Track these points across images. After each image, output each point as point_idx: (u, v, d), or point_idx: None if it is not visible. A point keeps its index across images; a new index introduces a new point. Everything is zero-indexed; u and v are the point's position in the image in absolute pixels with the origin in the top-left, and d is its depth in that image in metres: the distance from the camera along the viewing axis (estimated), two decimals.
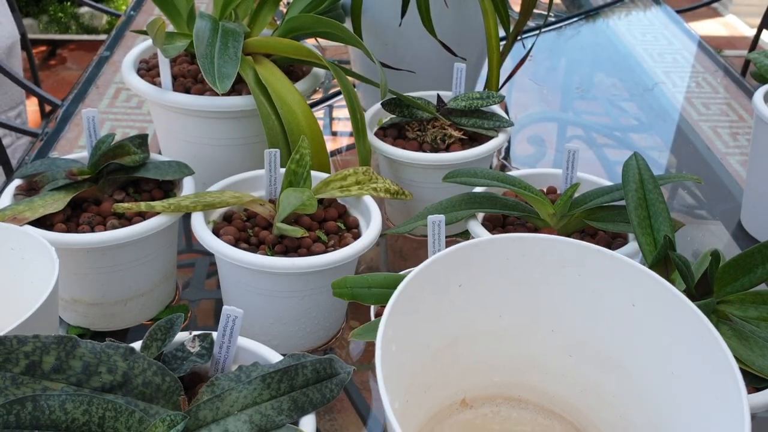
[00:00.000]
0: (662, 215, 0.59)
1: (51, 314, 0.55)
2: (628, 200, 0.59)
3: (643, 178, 0.61)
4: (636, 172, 0.61)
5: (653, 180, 0.61)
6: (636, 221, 0.59)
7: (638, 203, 0.59)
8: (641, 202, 0.59)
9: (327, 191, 0.70)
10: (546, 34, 1.39)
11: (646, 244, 0.58)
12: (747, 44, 1.79)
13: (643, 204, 0.59)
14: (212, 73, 0.73)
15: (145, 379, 0.45)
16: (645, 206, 0.59)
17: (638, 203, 0.59)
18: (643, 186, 0.60)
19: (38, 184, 0.69)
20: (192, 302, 0.75)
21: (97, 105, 1.10)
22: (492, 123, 0.82)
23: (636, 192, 0.60)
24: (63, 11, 2.93)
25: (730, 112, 1.14)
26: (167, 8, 0.83)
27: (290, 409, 0.46)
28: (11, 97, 1.65)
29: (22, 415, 0.40)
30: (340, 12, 0.95)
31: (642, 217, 0.59)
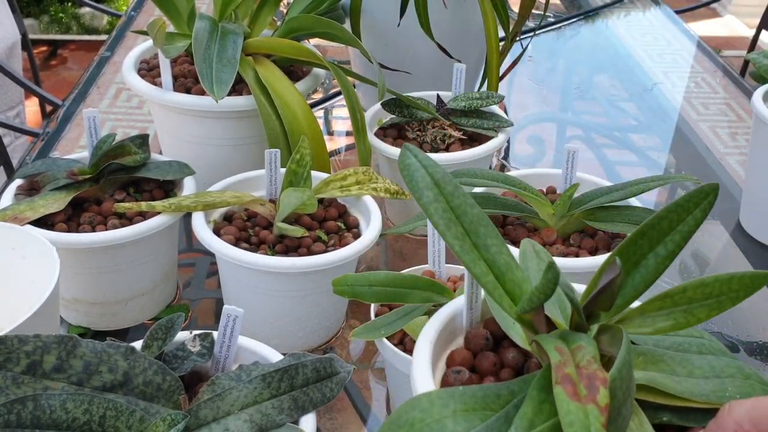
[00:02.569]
0: (483, 225, 0.41)
1: (52, 314, 0.55)
2: (431, 214, 0.40)
3: (437, 179, 0.41)
4: (423, 173, 0.41)
5: (449, 179, 0.41)
6: (457, 245, 0.40)
7: (446, 218, 0.40)
8: (448, 215, 0.40)
9: (327, 191, 0.70)
10: (545, 34, 1.39)
11: (484, 276, 0.40)
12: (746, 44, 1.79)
13: (451, 216, 0.40)
14: (209, 79, 0.73)
15: (145, 378, 0.45)
16: (456, 219, 0.40)
17: (446, 218, 0.40)
18: (440, 190, 0.41)
19: (39, 184, 0.69)
20: (193, 302, 0.75)
21: (98, 105, 1.10)
22: (492, 123, 0.83)
23: (437, 201, 0.40)
24: (64, 12, 2.93)
25: (729, 112, 1.14)
26: (168, 9, 0.83)
27: (291, 408, 0.46)
28: (10, 97, 1.65)
29: (22, 415, 0.41)
30: (340, 12, 0.95)
31: (460, 236, 0.40)
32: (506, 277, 0.40)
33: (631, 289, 0.39)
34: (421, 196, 0.41)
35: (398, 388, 0.60)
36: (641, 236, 0.39)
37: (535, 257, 0.46)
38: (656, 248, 0.39)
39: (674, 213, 0.38)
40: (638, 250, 0.39)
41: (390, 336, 0.58)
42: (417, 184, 0.41)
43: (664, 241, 0.39)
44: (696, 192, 0.38)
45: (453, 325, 0.46)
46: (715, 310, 0.38)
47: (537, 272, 0.45)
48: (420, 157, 0.42)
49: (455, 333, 0.47)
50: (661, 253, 0.39)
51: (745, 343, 0.73)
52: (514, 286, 0.40)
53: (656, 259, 0.39)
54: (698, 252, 0.86)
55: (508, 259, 0.40)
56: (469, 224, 0.41)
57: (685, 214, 0.38)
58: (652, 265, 0.39)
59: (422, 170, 0.41)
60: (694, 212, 0.38)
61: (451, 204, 0.41)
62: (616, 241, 0.68)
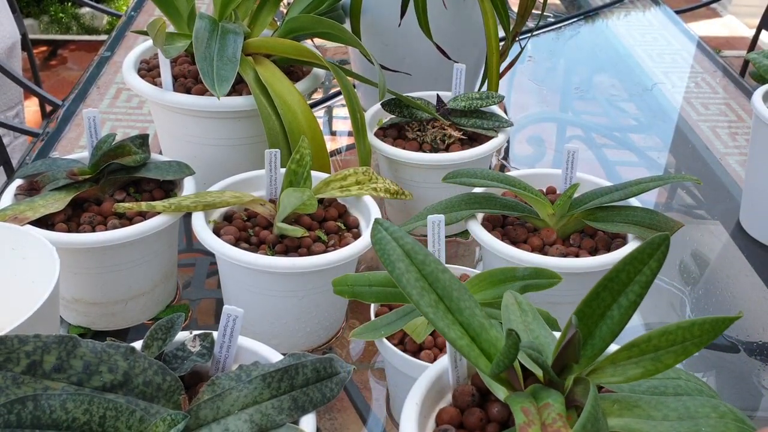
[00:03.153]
0: (455, 289, 0.43)
1: (52, 314, 0.55)
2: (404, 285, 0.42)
3: (407, 250, 0.43)
4: (394, 245, 0.43)
5: (420, 248, 0.43)
6: (431, 313, 0.41)
7: (419, 286, 0.42)
8: (421, 283, 0.42)
9: (327, 191, 0.70)
10: (545, 34, 1.39)
11: (459, 339, 0.41)
12: (746, 44, 1.79)
13: (424, 284, 0.42)
14: (211, 76, 0.73)
15: (145, 378, 0.45)
16: (429, 286, 0.42)
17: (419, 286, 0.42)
18: (411, 260, 0.43)
19: (39, 184, 0.69)
20: (192, 302, 0.75)
21: (97, 105, 1.10)
22: (491, 123, 0.83)
23: (408, 272, 0.42)
24: (64, 12, 2.93)
25: (729, 113, 1.14)
26: (168, 9, 0.83)
27: (290, 408, 0.46)
28: (10, 97, 1.65)
29: (23, 415, 0.41)
30: (340, 13, 0.95)
31: (433, 303, 0.42)
32: (481, 338, 0.42)
33: (599, 341, 0.41)
34: (393, 268, 0.43)
35: (398, 388, 0.60)
36: (603, 289, 0.41)
37: (518, 309, 0.47)
38: (618, 299, 0.41)
39: (630, 265, 0.41)
40: (602, 303, 0.41)
41: (390, 336, 0.58)
42: (389, 257, 0.43)
43: (625, 292, 0.41)
44: (648, 244, 0.40)
45: (441, 384, 0.47)
46: (682, 355, 0.39)
47: (520, 324, 0.46)
48: (390, 230, 0.44)
49: (444, 391, 0.48)
50: (623, 303, 0.41)
51: (744, 343, 0.73)
52: (490, 346, 0.42)
53: (620, 310, 0.41)
54: (698, 252, 0.86)
55: (482, 320, 0.43)
56: (442, 290, 0.43)
57: (641, 265, 0.40)
58: (617, 315, 0.41)
59: (393, 243, 0.43)
60: (649, 263, 0.40)
61: (423, 272, 0.43)
62: (616, 241, 0.68)
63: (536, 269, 0.56)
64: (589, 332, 0.41)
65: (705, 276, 0.82)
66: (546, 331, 0.45)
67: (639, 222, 0.67)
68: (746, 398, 0.68)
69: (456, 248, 0.84)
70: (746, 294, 0.80)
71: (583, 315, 0.41)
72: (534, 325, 0.45)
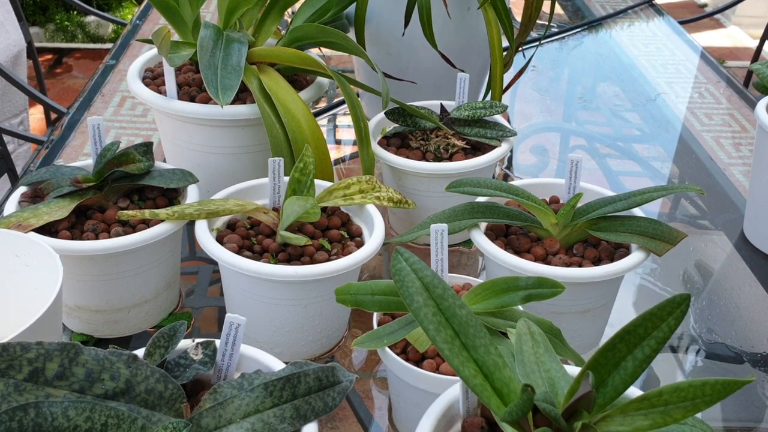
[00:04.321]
0: (472, 325, 0.43)
1: (55, 321, 0.55)
2: (421, 320, 0.43)
3: (426, 283, 0.44)
4: (413, 277, 0.44)
5: (438, 281, 0.44)
6: (447, 349, 0.42)
7: (436, 321, 0.43)
8: (438, 318, 0.43)
9: (330, 200, 0.71)
10: (549, 44, 1.39)
11: (473, 378, 0.42)
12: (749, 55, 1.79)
13: (441, 319, 0.43)
14: (215, 85, 0.73)
15: (147, 386, 0.45)
16: (446, 321, 0.43)
17: (436, 321, 0.43)
18: (430, 293, 0.43)
19: (43, 192, 0.69)
20: (195, 310, 0.75)
21: (102, 113, 1.10)
22: (495, 132, 0.83)
23: (426, 306, 0.43)
24: (69, 20, 2.95)
25: (732, 123, 1.14)
26: (173, 18, 0.83)
27: (292, 417, 0.46)
28: (15, 105, 1.66)
29: (24, 422, 0.40)
30: (344, 22, 0.96)
31: (449, 338, 0.43)
32: (494, 377, 0.43)
33: (611, 389, 0.41)
34: (411, 301, 0.43)
35: (400, 397, 0.60)
36: (620, 341, 0.41)
37: (530, 339, 0.47)
38: (634, 351, 0.41)
39: (649, 321, 0.41)
40: (617, 354, 0.41)
41: (392, 345, 0.57)
42: (407, 289, 0.43)
43: (641, 345, 0.41)
44: (668, 302, 0.40)
45: (451, 412, 0.48)
46: (691, 411, 0.39)
47: (531, 356, 0.46)
48: (411, 261, 0.44)
49: (453, 419, 0.48)
50: (638, 356, 0.41)
51: (749, 353, 0.73)
52: (503, 385, 0.43)
53: (634, 362, 0.41)
54: (702, 262, 0.86)
55: (496, 358, 0.43)
56: (459, 325, 0.43)
57: (659, 321, 0.41)
58: (631, 367, 0.41)
59: (412, 275, 0.44)
60: (668, 320, 0.41)
61: (440, 306, 0.43)
62: (620, 251, 0.68)
63: (539, 279, 0.56)
64: (602, 380, 0.42)
65: (708, 286, 0.82)
66: (557, 364, 0.45)
67: (642, 232, 0.66)
68: (750, 409, 0.68)
69: (459, 257, 0.84)
70: (750, 304, 0.80)
71: (597, 363, 0.41)
72: (545, 357, 0.46)
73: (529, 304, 0.57)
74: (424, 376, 0.55)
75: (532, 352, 0.46)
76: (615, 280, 0.67)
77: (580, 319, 0.67)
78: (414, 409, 0.58)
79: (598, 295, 0.67)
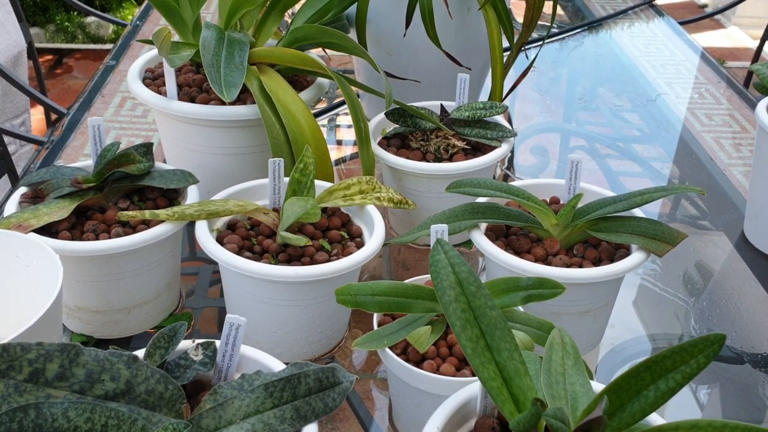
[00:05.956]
0: (499, 328, 0.42)
1: (55, 322, 0.55)
2: (450, 314, 0.42)
3: (461, 278, 0.43)
4: (449, 271, 0.43)
5: (474, 279, 0.43)
6: (470, 348, 0.41)
7: (464, 318, 0.42)
8: (467, 315, 0.42)
9: (330, 200, 0.71)
10: (549, 45, 1.39)
11: (491, 380, 0.41)
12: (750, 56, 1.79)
13: (470, 317, 0.42)
14: (219, 81, 0.74)
15: (148, 387, 0.45)
16: (474, 320, 0.42)
17: (464, 318, 0.42)
18: (463, 289, 0.43)
19: (43, 192, 0.69)
20: (195, 310, 0.75)
21: (102, 114, 1.10)
22: (495, 133, 0.83)
23: (457, 302, 0.42)
24: (70, 21, 2.95)
25: (732, 123, 1.14)
26: (173, 18, 0.83)
27: (292, 417, 0.46)
28: (16, 105, 1.66)
29: (24, 423, 0.40)
30: (345, 23, 0.96)
31: (474, 338, 0.42)
32: (513, 382, 0.42)
33: (628, 415, 0.41)
34: (443, 294, 0.42)
35: (400, 398, 0.60)
36: (645, 370, 0.40)
37: (561, 349, 0.46)
38: (657, 382, 0.40)
39: (679, 355, 0.40)
40: (640, 381, 0.40)
41: (393, 346, 0.57)
42: (441, 282, 0.42)
43: (666, 377, 0.40)
44: (702, 339, 0.40)
45: (467, 409, 0.47)
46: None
47: (558, 366, 0.45)
48: (450, 255, 0.44)
49: (468, 417, 0.47)
50: (662, 387, 0.40)
51: (749, 354, 0.73)
52: (520, 392, 0.42)
53: (656, 392, 0.40)
54: (702, 263, 0.86)
55: (519, 364, 0.42)
56: (487, 325, 0.42)
57: (689, 357, 0.40)
58: (652, 397, 0.40)
59: (448, 268, 0.43)
60: (697, 357, 0.40)
61: (471, 304, 0.42)
62: (620, 251, 0.68)
63: (540, 279, 0.56)
64: (621, 405, 0.41)
65: (709, 287, 0.82)
66: (584, 378, 0.45)
67: (643, 233, 0.66)
68: (751, 410, 0.68)
69: None
70: (750, 305, 0.80)
71: (618, 388, 0.41)
72: (573, 370, 0.45)
73: (529, 305, 0.57)
74: (424, 377, 0.55)
75: (560, 362, 0.46)
76: (615, 280, 0.67)
77: (580, 319, 0.67)
78: (414, 410, 0.58)
79: (599, 295, 0.66)
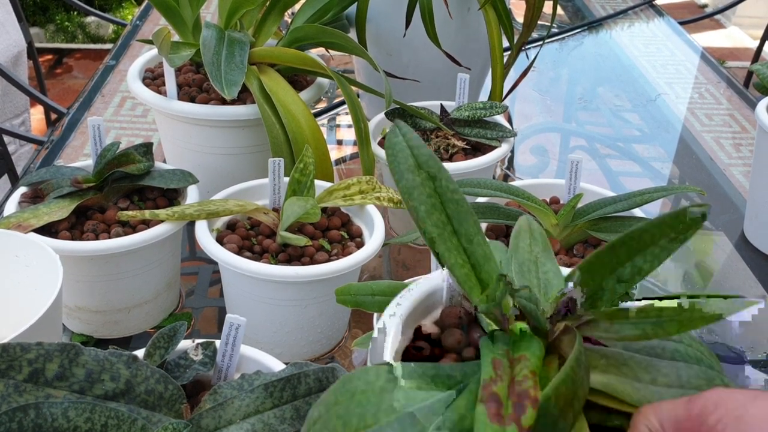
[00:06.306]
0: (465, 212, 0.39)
1: (55, 322, 0.55)
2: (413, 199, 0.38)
3: (421, 161, 0.39)
4: (406, 152, 0.39)
5: (434, 161, 0.39)
6: (435, 233, 0.38)
7: (429, 203, 0.38)
8: (433, 200, 0.38)
9: (330, 200, 0.70)
10: (549, 45, 1.39)
11: (459, 267, 0.38)
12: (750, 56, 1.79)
13: (435, 201, 0.38)
14: (220, 80, 0.74)
15: (147, 387, 0.45)
16: (440, 205, 0.38)
17: (429, 203, 0.38)
18: (427, 173, 0.39)
19: (43, 192, 0.69)
20: (195, 310, 0.75)
21: (102, 113, 1.10)
22: (495, 133, 0.83)
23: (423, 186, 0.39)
24: (70, 20, 2.95)
25: (732, 123, 1.14)
26: (173, 18, 0.83)
27: (293, 418, 0.46)
28: (16, 105, 1.66)
29: (24, 423, 0.40)
30: (345, 23, 0.96)
31: (440, 223, 0.38)
32: (483, 269, 0.39)
33: (602, 295, 0.37)
34: (400, 178, 0.38)
35: None
36: (621, 245, 0.37)
37: (529, 236, 0.44)
38: (634, 258, 0.37)
39: (657, 228, 0.37)
40: (615, 258, 0.37)
41: None
42: (399, 165, 0.38)
43: (644, 252, 0.37)
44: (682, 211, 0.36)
45: (433, 299, 0.45)
46: (686, 326, 0.36)
47: (527, 253, 0.42)
48: (408, 137, 0.39)
49: (435, 305, 0.45)
50: (638, 263, 0.37)
51: (749, 354, 0.73)
52: (489, 278, 0.39)
53: (633, 269, 0.37)
54: (702, 263, 0.86)
55: (486, 249, 0.39)
56: (453, 211, 0.39)
57: (669, 230, 0.36)
58: (628, 275, 0.37)
59: (407, 150, 0.39)
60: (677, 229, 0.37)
61: (437, 189, 0.39)
62: None
63: None
64: (594, 285, 0.37)
65: (709, 287, 0.82)
66: (555, 266, 0.42)
67: None
68: None
69: None
70: None
71: (591, 266, 0.37)
72: (543, 257, 0.42)
73: None
74: None
75: (528, 250, 0.43)
76: None
77: None
78: None
79: None
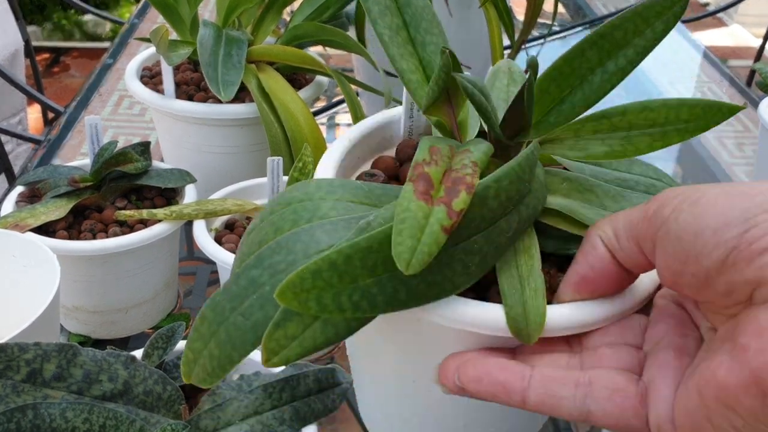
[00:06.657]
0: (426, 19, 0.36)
1: (52, 322, 0.55)
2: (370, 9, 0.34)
3: None
4: None
5: None
6: (386, 35, 0.35)
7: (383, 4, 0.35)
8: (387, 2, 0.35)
9: None
10: (550, 43, 1.39)
11: (410, 72, 0.36)
12: (752, 54, 1.79)
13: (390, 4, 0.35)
14: (216, 80, 0.73)
15: (146, 387, 0.45)
16: (396, 9, 0.35)
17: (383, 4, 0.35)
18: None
19: (40, 192, 0.69)
20: (193, 310, 0.75)
21: (99, 112, 1.10)
22: None
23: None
24: (67, 19, 2.94)
25: (735, 122, 1.13)
26: (170, 16, 0.83)
27: (292, 419, 0.45)
28: (13, 104, 1.66)
29: (22, 423, 0.40)
30: (344, 21, 0.95)
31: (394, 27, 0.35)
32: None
33: (569, 107, 0.33)
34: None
35: None
36: (591, 46, 0.32)
37: (507, 77, 0.40)
38: (606, 63, 0.33)
39: (631, 22, 0.32)
40: (585, 64, 0.33)
41: None
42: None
43: (616, 54, 0.33)
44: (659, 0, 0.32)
45: (391, 131, 0.42)
46: (659, 141, 0.33)
47: (502, 92, 0.38)
48: None
49: (391, 141, 0.42)
50: (610, 68, 0.33)
51: None
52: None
53: (603, 76, 0.33)
54: None
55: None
56: (411, 16, 0.35)
57: (644, 25, 0.32)
58: (598, 82, 0.33)
59: None
60: (654, 24, 0.33)
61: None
62: None
63: None
64: (561, 96, 0.33)
65: None
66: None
67: None
68: None
69: None
70: None
71: (558, 74, 0.33)
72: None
73: None
74: None
75: (505, 89, 0.39)
76: None
77: None
78: None
79: None
